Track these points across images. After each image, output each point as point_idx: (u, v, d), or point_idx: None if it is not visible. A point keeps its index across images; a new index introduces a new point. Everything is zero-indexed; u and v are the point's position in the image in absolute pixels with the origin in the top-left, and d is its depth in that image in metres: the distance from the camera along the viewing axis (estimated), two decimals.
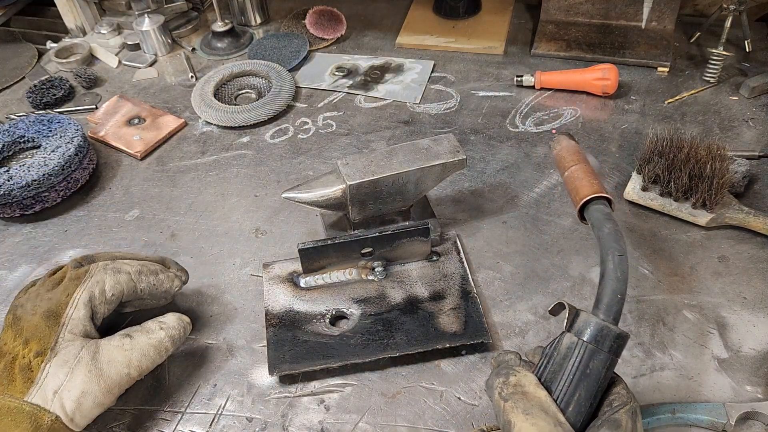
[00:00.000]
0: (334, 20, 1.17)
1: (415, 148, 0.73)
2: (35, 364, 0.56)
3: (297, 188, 0.73)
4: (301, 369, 0.65)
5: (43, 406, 0.55)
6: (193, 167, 0.93)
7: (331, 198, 0.71)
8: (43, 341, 0.57)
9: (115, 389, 0.58)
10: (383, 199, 0.73)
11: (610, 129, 0.93)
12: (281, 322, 0.69)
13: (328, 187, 0.71)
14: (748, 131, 0.91)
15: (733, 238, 0.76)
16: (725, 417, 0.58)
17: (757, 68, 1.01)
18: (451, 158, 0.72)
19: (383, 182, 0.71)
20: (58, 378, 0.56)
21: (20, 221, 0.87)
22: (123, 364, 0.58)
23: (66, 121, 0.92)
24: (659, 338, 0.67)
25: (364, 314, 0.70)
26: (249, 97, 1.06)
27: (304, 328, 0.69)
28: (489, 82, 1.05)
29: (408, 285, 0.73)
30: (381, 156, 0.72)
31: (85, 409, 0.56)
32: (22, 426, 0.53)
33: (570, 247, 0.77)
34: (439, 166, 0.72)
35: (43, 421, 0.54)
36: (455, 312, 0.69)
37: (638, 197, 0.79)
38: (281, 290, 0.72)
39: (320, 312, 0.70)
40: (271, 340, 0.67)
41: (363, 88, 1.06)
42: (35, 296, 0.61)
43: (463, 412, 0.62)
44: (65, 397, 0.55)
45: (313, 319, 0.70)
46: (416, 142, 0.74)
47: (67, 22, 1.22)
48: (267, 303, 0.71)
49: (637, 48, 1.06)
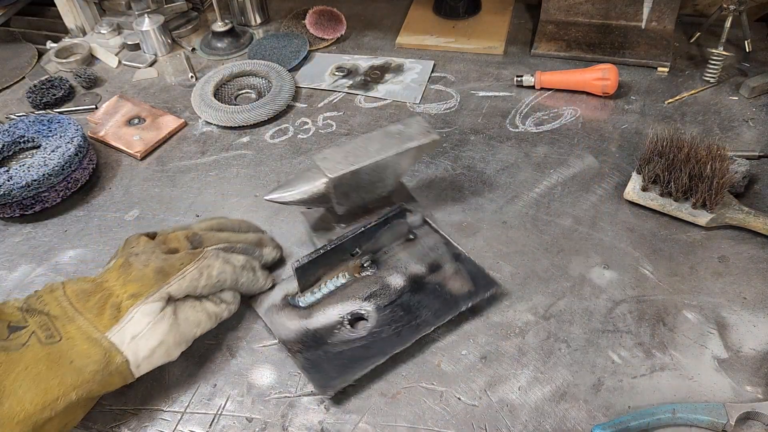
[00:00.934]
0: (334, 20, 1.17)
1: (387, 134, 0.74)
2: (125, 305, 0.60)
3: (279, 189, 0.72)
4: (352, 378, 0.63)
5: (118, 347, 0.58)
6: (193, 167, 0.93)
7: (314, 194, 0.72)
8: (141, 289, 0.61)
9: (183, 344, 0.63)
10: (365, 187, 0.74)
11: (610, 129, 0.93)
12: (304, 346, 0.67)
13: (309, 183, 0.72)
14: (748, 131, 0.91)
15: (733, 238, 0.76)
16: (725, 417, 0.58)
17: (757, 68, 1.01)
18: (425, 140, 0.74)
19: (364, 171, 0.72)
20: (140, 325, 0.59)
21: (20, 221, 0.87)
22: (194, 323, 0.64)
23: (66, 121, 0.92)
24: (659, 338, 0.67)
25: (379, 307, 0.70)
26: (249, 97, 1.06)
27: (330, 341, 0.67)
28: (489, 82, 1.05)
29: (403, 267, 0.73)
30: (356, 146, 0.73)
31: (156, 358, 0.61)
32: (94, 358, 0.57)
33: (570, 247, 0.77)
34: (413, 148, 0.73)
35: (114, 360, 0.58)
36: (458, 275, 0.71)
37: (638, 197, 0.79)
38: (285, 318, 0.70)
39: (336, 321, 0.69)
40: (306, 365, 0.65)
41: (363, 88, 1.06)
42: (151, 252, 0.65)
43: (463, 413, 0.62)
44: (141, 344, 0.59)
45: (333, 330, 0.68)
46: (387, 128, 0.75)
47: (67, 22, 1.22)
48: (278, 334, 0.68)
49: (637, 48, 1.06)
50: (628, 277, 0.73)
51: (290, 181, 0.73)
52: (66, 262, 0.81)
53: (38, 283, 0.78)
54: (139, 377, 0.61)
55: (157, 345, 0.60)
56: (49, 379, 0.55)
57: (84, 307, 0.60)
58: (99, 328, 0.59)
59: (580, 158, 0.89)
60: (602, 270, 0.74)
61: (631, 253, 0.75)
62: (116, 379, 0.59)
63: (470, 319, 0.70)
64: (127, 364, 0.59)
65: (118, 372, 0.58)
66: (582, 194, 0.84)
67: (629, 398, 0.62)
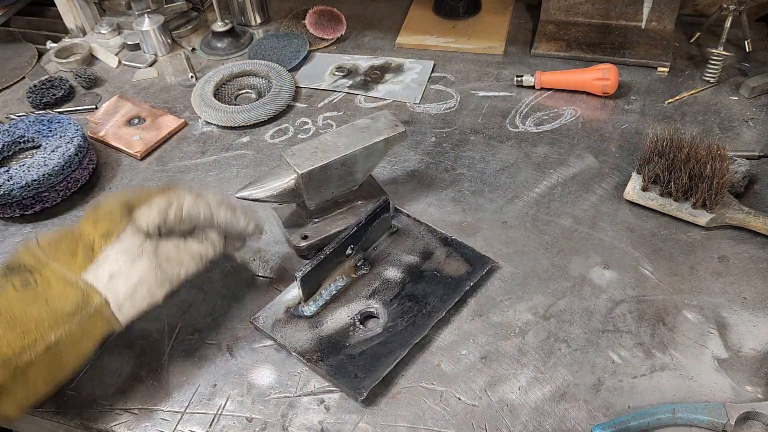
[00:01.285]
0: (334, 20, 1.17)
1: (355, 129, 0.75)
2: (98, 245, 0.59)
3: (249, 186, 0.73)
4: (381, 376, 0.63)
5: (95, 286, 0.57)
6: (193, 167, 0.93)
7: (284, 189, 0.72)
8: (111, 226, 0.59)
9: (167, 284, 0.60)
10: (335, 182, 0.75)
11: (610, 129, 0.93)
12: (323, 353, 0.66)
13: (279, 179, 0.72)
14: (748, 131, 0.91)
15: (733, 238, 0.76)
16: (725, 417, 0.58)
17: (757, 68, 1.01)
18: (392, 133, 0.75)
19: (333, 166, 0.73)
20: (117, 263, 0.58)
21: (20, 221, 0.87)
22: (176, 262, 0.61)
23: (66, 121, 0.92)
24: (659, 338, 0.67)
25: (386, 302, 0.70)
26: (249, 97, 1.06)
27: (348, 344, 0.67)
28: (489, 82, 1.05)
29: (396, 260, 0.75)
30: (325, 141, 0.74)
31: (138, 298, 0.58)
32: (71, 299, 0.56)
33: (570, 247, 0.77)
34: (381, 142, 0.75)
35: (92, 300, 0.56)
36: (452, 258, 0.74)
37: (638, 197, 0.79)
38: (294, 330, 0.69)
39: (347, 323, 0.69)
40: (331, 372, 0.64)
41: (363, 88, 1.06)
42: (121, 192, 0.64)
43: (463, 412, 0.62)
44: (121, 282, 0.57)
45: (347, 332, 0.68)
46: (355, 123, 0.76)
47: (67, 22, 1.22)
48: (292, 348, 0.67)
49: (637, 48, 1.06)
50: (628, 277, 0.73)
51: (260, 178, 0.73)
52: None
53: None
54: (127, 325, 0.59)
55: (137, 283, 0.58)
56: (25, 321, 0.54)
57: (57, 252, 0.58)
58: (73, 269, 0.57)
59: (580, 158, 0.89)
60: (602, 270, 0.74)
61: (631, 253, 0.75)
62: (99, 322, 0.57)
63: (470, 319, 0.70)
64: (108, 305, 0.57)
65: (98, 314, 0.56)
66: (582, 194, 0.84)
67: (629, 398, 0.62)
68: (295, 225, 0.78)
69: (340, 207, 0.79)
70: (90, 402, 0.66)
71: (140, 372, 0.68)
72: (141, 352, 0.70)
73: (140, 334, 0.71)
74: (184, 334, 0.71)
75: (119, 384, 0.67)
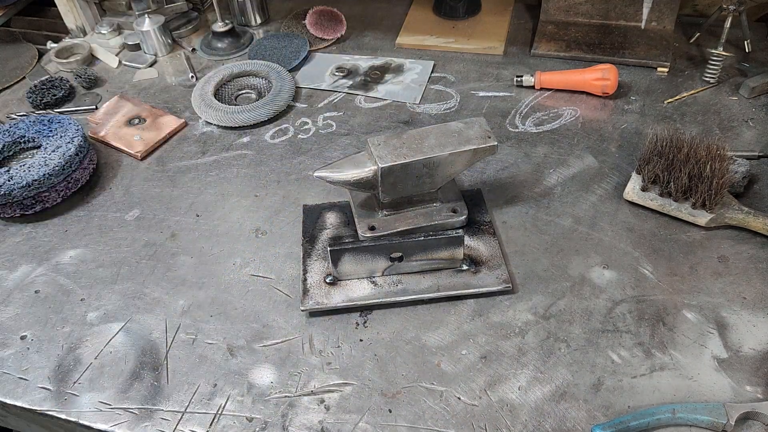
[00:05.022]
0: (334, 20, 1.17)
1: (446, 131, 0.73)
2: None
3: (328, 167, 0.73)
4: None
5: None
6: (193, 167, 0.94)
7: (362, 179, 0.71)
8: None
9: None
10: (413, 181, 0.73)
11: (609, 129, 0.93)
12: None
13: (359, 167, 0.71)
14: (748, 131, 0.91)
15: (733, 238, 0.76)
16: (725, 417, 0.58)
17: (757, 68, 1.01)
18: (483, 144, 0.72)
19: (414, 165, 0.71)
20: None
21: (20, 221, 0.87)
22: None
23: (66, 121, 0.92)
24: (659, 338, 0.67)
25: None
26: (249, 98, 1.06)
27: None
28: (489, 83, 1.05)
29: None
30: (412, 138, 0.72)
31: None
32: None
33: (570, 247, 0.77)
34: (469, 151, 0.72)
35: None
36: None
37: (638, 197, 0.79)
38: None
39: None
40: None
41: (363, 88, 1.06)
42: None
43: (463, 412, 0.62)
44: None
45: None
46: (447, 125, 0.74)
47: (67, 22, 1.22)
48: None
49: (636, 48, 1.06)
50: (628, 277, 0.73)
51: (340, 162, 0.73)
52: (66, 262, 0.81)
53: (38, 282, 0.78)
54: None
55: None
56: None
57: None
58: None
59: (580, 158, 0.89)
60: (602, 270, 0.74)
61: (630, 253, 0.75)
62: None
63: (470, 319, 0.70)
64: None
65: None
66: (582, 194, 0.84)
67: (629, 398, 0.62)
68: (366, 211, 0.78)
69: (414, 205, 0.77)
70: (90, 402, 0.66)
71: (140, 372, 0.68)
72: (141, 352, 0.70)
73: (140, 334, 0.71)
74: (184, 334, 0.71)
75: (119, 384, 0.67)
